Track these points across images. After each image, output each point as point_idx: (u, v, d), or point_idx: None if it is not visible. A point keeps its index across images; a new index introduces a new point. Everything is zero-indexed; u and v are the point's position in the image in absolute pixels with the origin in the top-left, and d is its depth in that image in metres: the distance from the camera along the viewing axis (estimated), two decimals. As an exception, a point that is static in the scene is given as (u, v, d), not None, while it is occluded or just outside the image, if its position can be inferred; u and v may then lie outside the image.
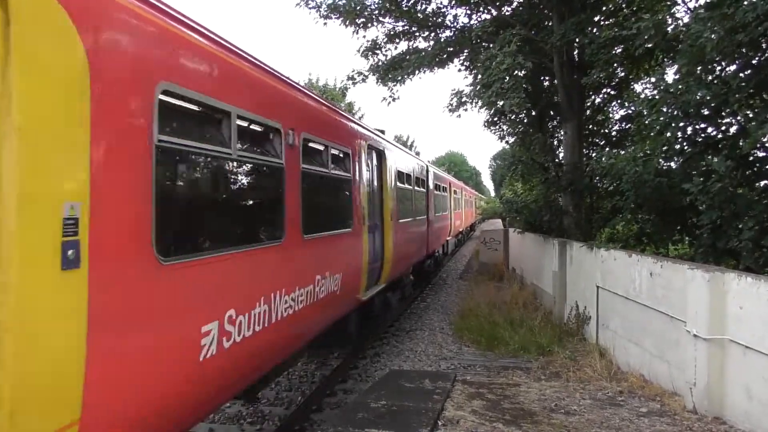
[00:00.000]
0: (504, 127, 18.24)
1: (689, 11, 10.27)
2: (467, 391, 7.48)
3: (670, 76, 10.12)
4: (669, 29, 9.92)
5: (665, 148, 9.32)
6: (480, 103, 13.96)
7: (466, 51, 16.04)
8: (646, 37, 9.64)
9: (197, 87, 4.07)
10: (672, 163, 9.71)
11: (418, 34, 16.29)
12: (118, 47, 3.27)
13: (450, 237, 25.36)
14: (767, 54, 7.99)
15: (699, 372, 6.60)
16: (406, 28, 16.16)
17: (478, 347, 11.26)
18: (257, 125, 5.22)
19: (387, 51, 16.55)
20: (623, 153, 12.75)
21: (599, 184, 13.68)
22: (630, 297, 8.77)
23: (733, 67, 8.49)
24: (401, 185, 12.61)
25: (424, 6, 15.62)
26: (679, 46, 9.22)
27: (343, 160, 8.26)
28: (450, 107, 15.06)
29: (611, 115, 16.34)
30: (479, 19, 15.46)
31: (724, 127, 8.85)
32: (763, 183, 8.54)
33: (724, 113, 8.57)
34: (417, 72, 15.64)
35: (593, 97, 15.71)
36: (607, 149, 15.20)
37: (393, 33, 16.20)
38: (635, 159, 10.12)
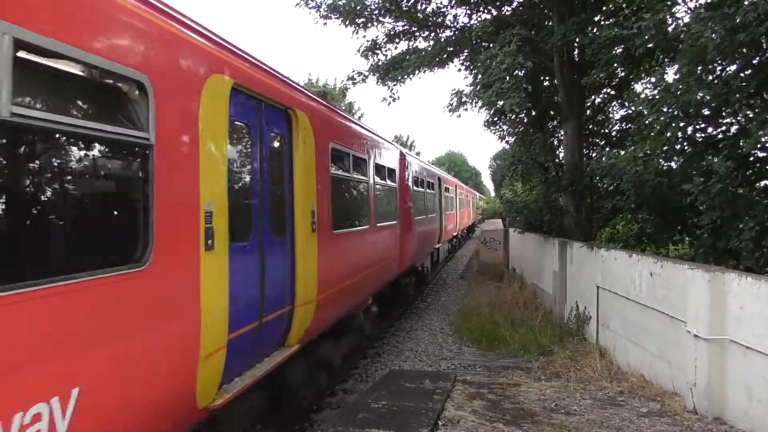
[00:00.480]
0: (504, 127, 18.26)
1: (690, 11, 10.26)
2: (467, 391, 7.48)
3: (670, 76, 10.12)
4: (669, 29, 9.90)
5: (665, 148, 9.31)
6: (480, 103, 13.96)
7: (466, 51, 16.02)
8: (646, 37, 9.62)
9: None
10: (672, 163, 9.70)
11: (418, 34, 16.28)
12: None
13: (441, 243, 21.47)
14: (768, 54, 7.99)
15: (699, 372, 6.60)
16: (406, 28, 16.15)
17: (478, 347, 11.26)
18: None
19: (387, 51, 16.56)
20: (623, 153, 12.73)
21: (599, 184, 13.67)
22: (630, 297, 8.77)
23: (734, 67, 8.48)
24: (340, 174, 7.90)
25: (424, 6, 15.62)
26: (680, 46, 9.21)
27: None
28: (450, 107, 15.06)
29: (611, 115, 16.34)
30: (479, 19, 15.45)
31: (724, 128, 8.84)
32: (764, 183, 8.53)
33: (724, 113, 8.56)
34: (417, 72, 15.62)
35: (593, 97, 15.71)
36: (608, 149, 15.20)
37: (393, 33, 16.20)
38: (635, 159, 10.11)
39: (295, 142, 6.15)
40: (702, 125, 8.97)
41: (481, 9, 15.54)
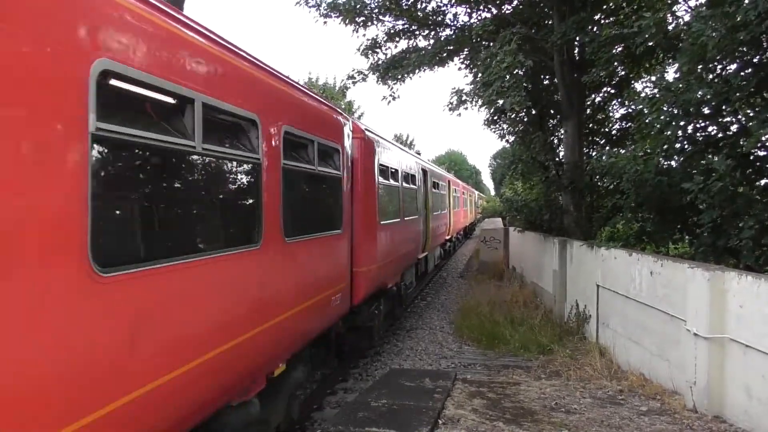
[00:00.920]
0: (504, 126, 18.23)
1: (690, 9, 10.26)
2: (468, 390, 7.49)
3: (670, 74, 10.12)
4: (670, 28, 9.91)
5: (666, 146, 9.31)
6: (480, 102, 13.96)
7: (466, 50, 16.02)
8: (646, 36, 9.62)
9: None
10: (672, 162, 9.70)
11: (418, 32, 16.27)
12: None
13: (427, 252, 16.73)
14: (768, 53, 7.99)
15: (699, 371, 6.60)
16: (406, 26, 16.14)
17: (478, 346, 11.27)
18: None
19: (387, 50, 16.54)
20: (624, 152, 12.75)
21: (599, 182, 13.68)
22: (630, 296, 8.78)
23: (734, 66, 8.49)
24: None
25: (424, 4, 15.60)
26: (680, 44, 9.21)
27: None
28: (450, 106, 15.06)
29: (612, 114, 16.32)
30: (479, 18, 15.43)
31: (724, 126, 8.85)
32: (764, 182, 8.54)
33: (724, 112, 8.56)
34: (417, 71, 15.61)
35: (593, 96, 15.70)
36: (608, 148, 15.19)
37: (393, 31, 16.18)
38: (636, 158, 10.11)
39: None
40: (702, 124, 8.97)
41: (481, 7, 15.52)
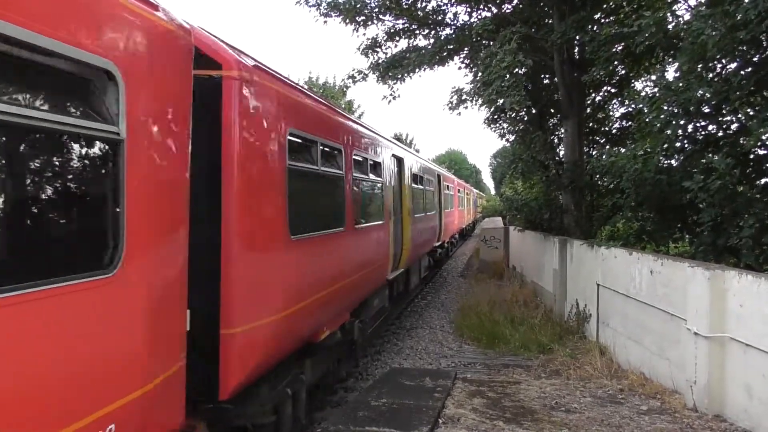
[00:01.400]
0: (504, 125, 18.23)
1: (690, 9, 10.25)
2: (468, 389, 7.50)
3: (670, 73, 10.11)
4: (670, 27, 9.90)
5: (666, 145, 9.31)
6: (480, 101, 13.95)
7: (466, 49, 16.01)
8: (646, 35, 9.62)
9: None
10: (672, 161, 9.70)
11: (418, 32, 16.26)
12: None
13: (402, 269, 12.29)
14: (768, 52, 7.99)
15: (699, 370, 6.60)
16: (406, 25, 16.13)
17: (478, 345, 11.27)
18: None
19: (387, 49, 16.54)
20: (624, 151, 12.73)
21: (599, 182, 13.67)
22: (630, 295, 8.78)
23: (734, 65, 8.48)
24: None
25: (424, 4, 15.60)
26: (680, 43, 9.21)
27: None
28: (450, 105, 15.07)
29: (612, 113, 16.32)
30: (479, 17, 15.42)
31: (724, 125, 8.84)
32: (764, 181, 8.53)
33: (724, 111, 8.56)
34: (417, 70, 15.62)
35: (594, 95, 15.69)
36: (608, 147, 15.20)
37: (393, 31, 16.17)
38: (636, 157, 10.11)
39: None
40: (702, 123, 8.97)
41: (482, 7, 15.51)
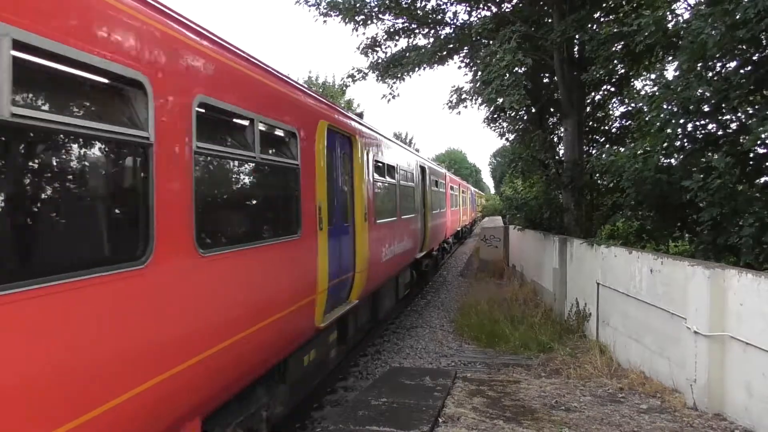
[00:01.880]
0: (504, 124, 18.24)
1: (690, 7, 10.25)
2: (468, 388, 7.50)
3: (670, 72, 10.12)
4: (669, 26, 9.90)
5: (665, 144, 9.31)
6: (480, 100, 13.97)
7: (466, 48, 16.00)
8: (646, 34, 9.62)
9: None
10: (672, 160, 9.69)
11: (417, 31, 16.25)
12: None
13: (349, 306, 8.20)
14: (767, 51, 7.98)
15: (699, 369, 6.61)
16: (405, 25, 16.12)
17: (478, 344, 11.28)
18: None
19: (387, 48, 16.53)
20: (623, 150, 12.74)
21: (599, 181, 13.67)
22: (630, 294, 8.78)
23: (734, 64, 8.48)
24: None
25: (423, 3, 15.59)
26: (680, 42, 9.20)
27: None
28: (450, 104, 15.06)
29: (611, 112, 16.33)
30: (479, 16, 15.42)
31: (724, 124, 8.84)
32: (763, 179, 8.53)
33: (724, 110, 8.55)
34: (416, 69, 15.60)
35: (593, 94, 15.69)
36: (608, 146, 15.18)
37: (392, 30, 16.17)
38: (635, 156, 10.10)
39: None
40: (702, 122, 8.97)
41: (481, 6, 15.51)
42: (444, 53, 15.90)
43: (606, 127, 16.33)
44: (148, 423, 3.50)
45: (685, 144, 9.14)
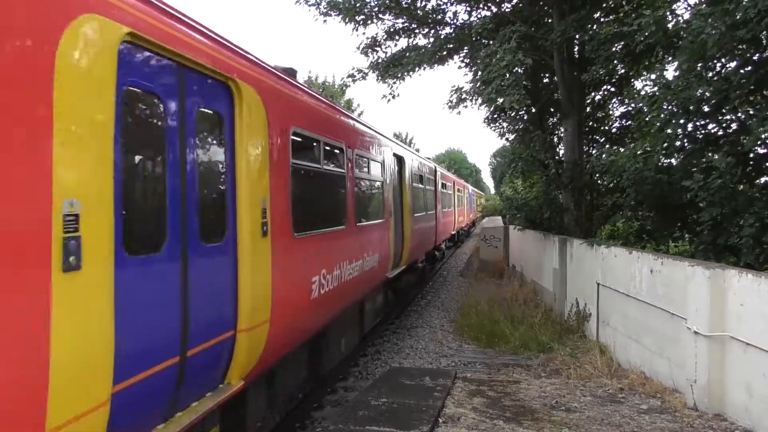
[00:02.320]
0: (504, 124, 18.23)
1: (690, 7, 10.24)
2: (468, 389, 7.49)
3: (670, 72, 10.11)
4: (670, 26, 9.89)
5: (666, 144, 9.30)
6: (480, 100, 13.96)
7: (466, 48, 15.99)
8: (646, 34, 9.61)
9: None
10: (672, 160, 9.70)
11: (417, 31, 16.24)
12: None
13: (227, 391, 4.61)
14: (768, 50, 7.98)
15: (699, 369, 6.60)
16: (405, 25, 16.11)
17: (478, 344, 11.27)
18: None
19: (387, 48, 16.52)
20: (623, 150, 12.74)
21: (599, 181, 13.67)
22: (630, 294, 8.77)
23: (734, 64, 8.48)
24: None
25: (423, 3, 15.58)
26: (680, 42, 9.20)
27: None
28: (450, 104, 15.05)
29: (611, 112, 16.32)
30: (479, 16, 15.42)
31: (724, 124, 8.84)
32: (764, 179, 8.53)
33: (724, 110, 8.55)
34: (416, 69, 15.59)
35: (593, 94, 15.68)
36: (608, 146, 15.18)
37: (393, 30, 16.16)
38: (635, 156, 10.10)
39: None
40: (702, 122, 8.96)
41: (481, 6, 15.51)
42: (444, 53, 15.89)
43: (606, 128, 16.32)
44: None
45: (685, 144, 9.14)
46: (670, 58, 10.75)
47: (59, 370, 2.73)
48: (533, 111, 16.19)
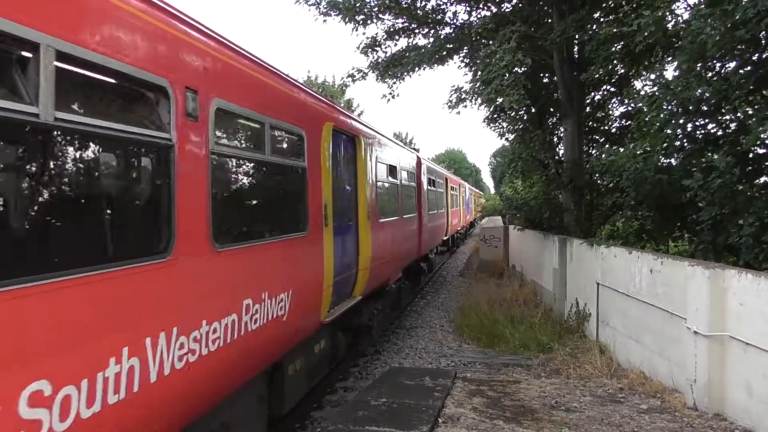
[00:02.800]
0: (504, 124, 18.25)
1: (689, 8, 10.25)
2: (467, 389, 7.49)
3: (670, 72, 10.12)
4: (669, 26, 9.90)
5: (665, 144, 9.31)
6: (479, 100, 13.97)
7: (465, 48, 16.00)
8: (646, 34, 9.62)
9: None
10: (672, 160, 9.70)
11: (417, 31, 16.26)
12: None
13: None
14: (767, 51, 7.98)
15: (699, 369, 6.60)
16: (405, 25, 16.12)
17: (478, 344, 11.27)
18: None
19: (386, 48, 16.54)
20: (623, 150, 12.74)
21: (599, 181, 13.68)
22: (630, 294, 8.77)
23: (734, 64, 8.48)
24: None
25: (423, 3, 15.59)
26: (679, 42, 9.20)
27: None
28: (449, 104, 15.06)
29: (611, 112, 16.33)
30: (479, 16, 15.43)
31: (724, 124, 8.84)
32: (763, 179, 8.53)
33: (724, 110, 8.55)
34: (416, 69, 15.61)
35: (593, 94, 15.70)
36: (607, 146, 15.19)
37: (392, 30, 16.18)
38: (635, 156, 10.11)
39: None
40: (702, 122, 8.96)
41: (481, 6, 15.52)
42: (444, 53, 15.89)
43: (606, 127, 16.34)
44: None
45: (685, 144, 9.14)
46: (669, 58, 10.75)
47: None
48: (533, 111, 16.19)
